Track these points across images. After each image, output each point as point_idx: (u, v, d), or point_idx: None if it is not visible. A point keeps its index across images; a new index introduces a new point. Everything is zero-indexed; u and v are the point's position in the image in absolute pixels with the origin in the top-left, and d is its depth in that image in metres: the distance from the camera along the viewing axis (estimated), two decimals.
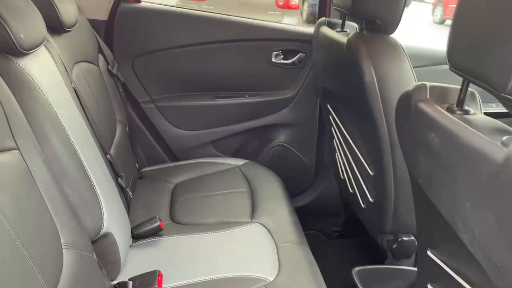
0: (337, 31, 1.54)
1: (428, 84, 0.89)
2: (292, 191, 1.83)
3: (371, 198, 1.49)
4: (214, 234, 1.36)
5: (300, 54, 1.91)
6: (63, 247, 0.91)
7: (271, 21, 1.91)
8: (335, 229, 2.10)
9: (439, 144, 0.82)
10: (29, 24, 0.98)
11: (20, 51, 0.93)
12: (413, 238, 1.43)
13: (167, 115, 1.91)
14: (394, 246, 1.44)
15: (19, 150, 0.86)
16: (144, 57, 1.83)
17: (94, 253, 1.05)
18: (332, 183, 2.05)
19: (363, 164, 1.48)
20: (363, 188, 1.54)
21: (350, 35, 1.35)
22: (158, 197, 1.62)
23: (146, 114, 1.89)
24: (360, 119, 1.45)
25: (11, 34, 0.90)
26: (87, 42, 1.50)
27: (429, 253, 1.06)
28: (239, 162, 1.84)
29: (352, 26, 1.59)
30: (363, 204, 1.58)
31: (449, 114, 0.81)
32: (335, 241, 2.07)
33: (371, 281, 1.44)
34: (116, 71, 1.68)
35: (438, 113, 0.83)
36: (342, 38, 1.42)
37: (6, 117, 0.85)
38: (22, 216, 0.79)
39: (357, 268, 1.46)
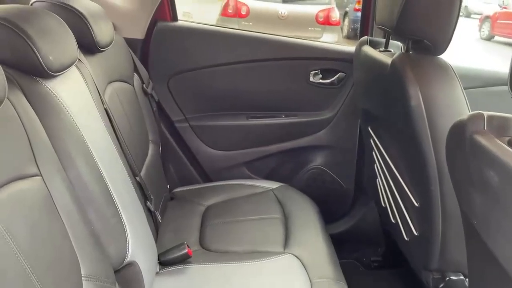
0: (380, 51, 1.45)
1: (485, 113, 0.79)
2: (328, 217, 1.73)
3: (416, 231, 1.37)
4: (244, 265, 1.29)
5: (339, 73, 1.83)
6: (83, 278, 0.87)
7: (310, 38, 1.85)
8: (375, 259, 1.96)
9: (499, 183, 0.72)
10: (59, 45, 0.96)
11: (48, 73, 0.91)
12: (462, 277, 1.29)
13: (201, 135, 1.87)
14: (441, 285, 1.31)
15: (41, 176, 0.83)
16: (179, 75, 1.81)
17: (116, 283, 1.00)
18: (372, 209, 1.93)
19: (407, 193, 1.37)
20: (407, 219, 1.42)
21: (394, 56, 1.26)
22: (188, 220, 1.57)
23: (179, 133, 1.86)
24: (404, 145, 1.34)
25: (39, 56, 0.88)
26: (122, 61, 1.49)
27: None
28: (273, 185, 1.76)
29: (396, 46, 1.49)
30: (406, 236, 1.46)
31: (511, 150, 0.71)
32: (374, 272, 1.94)
33: None
34: (151, 90, 1.66)
35: (498, 147, 0.73)
36: (386, 58, 1.32)
37: (30, 142, 0.82)
38: (40, 247, 0.75)
39: None
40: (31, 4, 1.15)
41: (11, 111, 0.79)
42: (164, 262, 1.29)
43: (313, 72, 1.82)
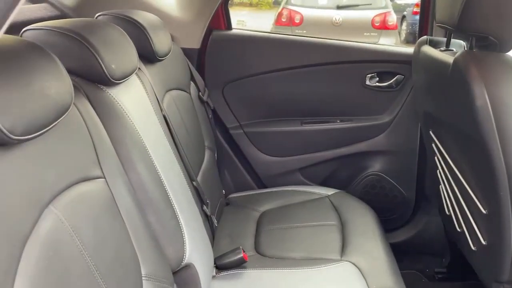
0: (441, 50, 1.39)
1: None
2: (387, 225, 1.67)
3: (484, 240, 1.28)
4: (299, 271, 1.27)
5: (397, 76, 1.77)
6: (143, 278, 0.89)
7: (365, 42, 1.81)
8: (438, 271, 1.86)
9: None
10: (121, 55, 1.01)
11: (111, 81, 0.96)
12: None
13: (255, 141, 1.88)
14: None
15: (105, 178, 0.87)
16: (234, 83, 1.84)
17: (174, 285, 1.03)
18: (435, 218, 1.83)
19: (474, 199, 1.28)
20: (473, 228, 1.33)
21: (457, 54, 1.20)
22: (243, 225, 1.58)
23: (234, 140, 1.89)
24: (469, 149, 1.26)
25: (103, 65, 0.92)
26: (179, 70, 1.54)
27: None
28: (329, 191, 1.73)
29: (458, 44, 1.42)
30: (474, 246, 1.36)
31: None
32: (438, 284, 1.83)
33: None
34: (206, 98, 1.70)
35: None
36: (448, 57, 1.26)
37: (94, 146, 0.87)
38: (103, 247, 0.78)
39: None
40: (96, 17, 1.22)
41: (77, 116, 0.84)
42: (220, 266, 1.30)
43: (369, 75, 1.77)
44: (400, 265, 1.36)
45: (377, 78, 1.78)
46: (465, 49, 1.27)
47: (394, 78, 1.77)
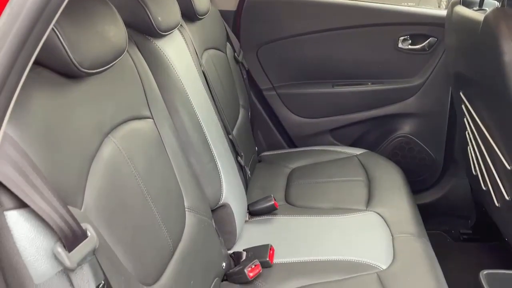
0: (474, 10, 1.40)
1: None
2: (414, 187, 1.71)
3: (507, 196, 1.32)
4: (327, 218, 1.35)
5: (430, 38, 1.78)
6: (186, 209, 1.01)
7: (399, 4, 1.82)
8: (464, 232, 1.90)
9: None
10: (166, 9, 1.09)
11: (158, 33, 1.05)
12: None
13: (287, 102, 1.95)
14: None
15: (153, 119, 0.97)
16: (268, 45, 1.89)
17: (213, 220, 1.14)
18: (462, 181, 1.86)
19: (499, 156, 1.32)
20: (498, 185, 1.37)
21: (488, 11, 1.22)
22: (274, 180, 1.67)
23: (267, 101, 1.96)
24: (497, 105, 1.29)
25: (150, 16, 1.02)
26: (217, 31, 1.61)
27: None
28: (358, 151, 1.79)
29: (492, 5, 1.42)
30: (498, 202, 1.41)
31: None
32: (463, 244, 1.88)
33: None
34: (241, 59, 1.78)
35: None
36: (479, 15, 1.28)
37: (144, 90, 0.97)
38: (152, 176, 0.89)
39: (485, 271, 1.31)
40: None
41: (130, 62, 0.94)
42: (253, 212, 1.41)
43: (402, 38, 1.79)
44: (426, 226, 1.40)
45: (410, 41, 1.80)
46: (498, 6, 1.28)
47: (427, 41, 1.78)
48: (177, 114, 1.09)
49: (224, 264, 1.12)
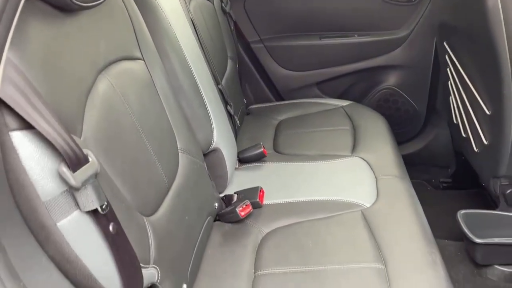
0: None
1: None
2: (398, 138, 1.76)
3: (486, 140, 1.39)
4: (314, 164, 1.40)
5: None
6: (179, 150, 1.03)
7: None
8: (444, 180, 1.98)
9: None
10: None
11: None
12: None
13: (275, 55, 1.96)
14: (508, 191, 1.34)
15: (144, 61, 0.98)
16: None
17: (205, 163, 1.17)
18: (443, 131, 1.93)
19: (479, 102, 1.37)
20: (478, 130, 1.43)
21: None
22: (263, 131, 1.71)
23: (254, 53, 1.97)
24: (479, 52, 1.33)
25: None
26: None
27: None
28: (344, 103, 1.83)
29: None
30: (476, 148, 1.47)
31: None
32: (443, 191, 1.97)
33: (478, 228, 1.36)
34: (229, 9, 1.76)
35: None
36: None
37: (135, 32, 0.97)
38: (146, 115, 0.91)
39: (463, 211, 1.39)
40: None
41: (120, 2, 0.94)
42: (242, 160, 1.45)
43: None
44: (408, 175, 1.44)
45: None
46: None
47: None
48: (167, 58, 1.10)
49: (216, 204, 1.16)
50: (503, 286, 1.32)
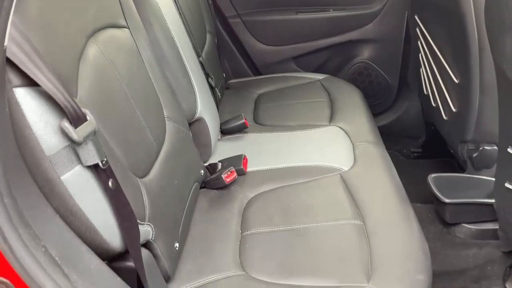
0: None
1: None
2: (372, 110, 1.83)
3: (454, 108, 1.47)
4: (294, 133, 1.46)
5: None
6: (165, 118, 1.06)
7: None
8: (414, 150, 2.08)
9: None
10: None
11: None
12: (495, 147, 1.40)
13: (252, 30, 1.98)
14: (475, 155, 1.43)
15: (129, 29, 1.00)
16: None
17: (190, 132, 1.20)
18: (414, 103, 2.02)
19: (448, 72, 1.45)
20: (446, 99, 1.51)
21: None
22: (242, 104, 1.74)
23: (232, 28, 1.99)
24: (448, 24, 1.40)
25: None
26: None
27: (509, 150, 1.06)
28: (320, 76, 1.88)
29: None
30: (446, 115, 1.56)
31: None
32: (414, 161, 2.07)
33: (447, 189, 1.45)
34: None
35: None
36: None
37: (119, 0, 0.98)
38: (134, 82, 0.94)
39: (433, 175, 1.48)
40: None
41: None
42: (225, 131, 1.49)
43: None
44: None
45: None
46: None
47: None
48: (151, 28, 1.11)
49: (202, 171, 1.20)
50: (470, 243, 1.42)
